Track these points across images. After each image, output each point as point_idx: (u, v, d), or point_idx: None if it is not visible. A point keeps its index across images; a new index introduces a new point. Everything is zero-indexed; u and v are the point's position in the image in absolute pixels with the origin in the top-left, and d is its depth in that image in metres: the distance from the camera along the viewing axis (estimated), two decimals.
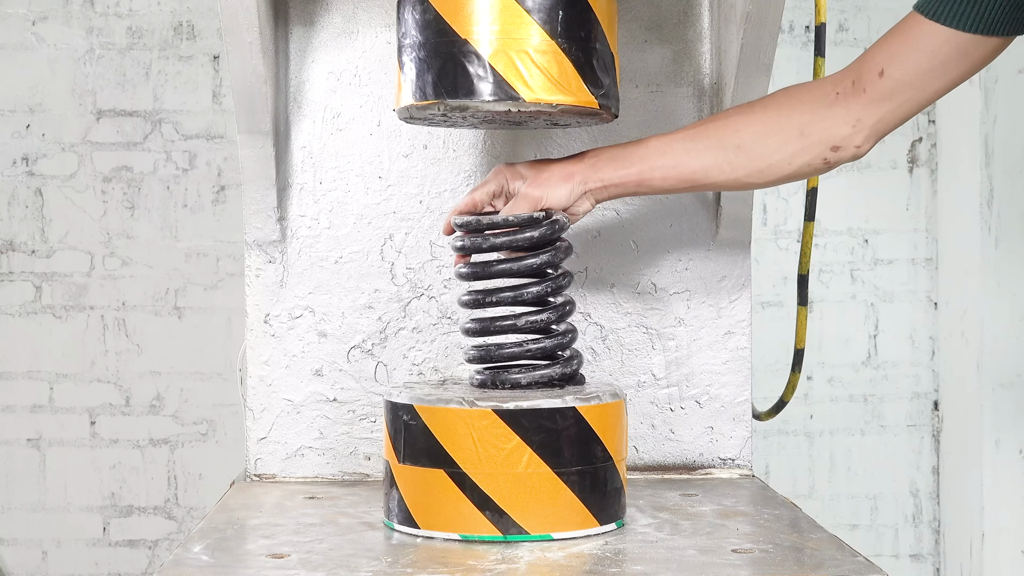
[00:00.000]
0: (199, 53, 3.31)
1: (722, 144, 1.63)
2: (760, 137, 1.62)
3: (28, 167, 3.30)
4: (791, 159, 1.62)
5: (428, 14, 1.61)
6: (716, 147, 1.64)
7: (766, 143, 1.62)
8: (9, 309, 3.32)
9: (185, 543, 1.55)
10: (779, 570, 1.43)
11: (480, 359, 1.67)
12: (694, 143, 1.65)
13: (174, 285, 3.32)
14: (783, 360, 3.21)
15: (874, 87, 1.57)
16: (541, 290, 1.66)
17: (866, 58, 1.59)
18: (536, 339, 1.67)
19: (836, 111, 1.59)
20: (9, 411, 3.32)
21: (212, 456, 3.33)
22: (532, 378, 1.64)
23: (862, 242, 3.40)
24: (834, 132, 1.60)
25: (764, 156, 1.62)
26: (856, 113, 1.59)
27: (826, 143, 1.60)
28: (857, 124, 1.59)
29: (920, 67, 1.54)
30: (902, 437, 3.42)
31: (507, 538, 1.54)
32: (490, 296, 1.66)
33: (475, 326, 1.68)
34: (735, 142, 1.63)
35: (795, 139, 1.61)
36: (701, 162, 1.64)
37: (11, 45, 3.30)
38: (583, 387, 1.67)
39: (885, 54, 1.57)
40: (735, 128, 1.63)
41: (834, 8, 3.32)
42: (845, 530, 3.37)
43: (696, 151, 1.64)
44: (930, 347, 3.41)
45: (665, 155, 1.65)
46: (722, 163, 1.64)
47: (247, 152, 1.90)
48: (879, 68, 1.57)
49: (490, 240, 1.66)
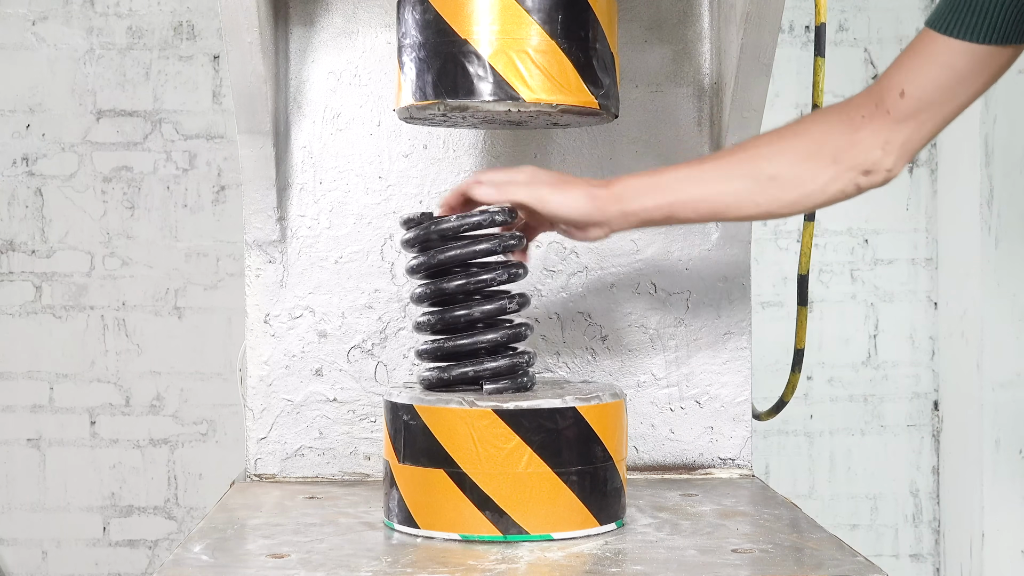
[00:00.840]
0: (199, 53, 3.31)
1: (755, 175, 1.59)
2: (794, 167, 1.59)
3: (28, 167, 3.30)
4: (825, 187, 1.59)
5: (428, 14, 1.61)
6: (748, 177, 1.60)
7: (801, 173, 1.58)
8: (9, 309, 3.32)
9: (185, 543, 1.55)
10: (779, 570, 1.43)
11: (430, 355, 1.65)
12: (725, 174, 1.61)
13: (174, 285, 3.32)
14: (783, 360, 3.20)
15: (897, 108, 1.55)
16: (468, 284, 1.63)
17: (885, 79, 1.57)
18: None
19: (864, 135, 1.57)
20: (9, 411, 3.32)
21: (212, 456, 3.33)
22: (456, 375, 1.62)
23: (862, 242, 3.40)
24: (865, 156, 1.57)
25: (799, 186, 1.59)
26: (884, 135, 1.56)
27: (858, 168, 1.58)
28: (886, 146, 1.57)
29: (940, 83, 1.53)
30: (902, 437, 3.42)
31: (507, 538, 1.54)
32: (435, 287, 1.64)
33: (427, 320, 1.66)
34: (769, 173, 1.59)
35: (829, 166, 1.58)
36: (734, 194, 1.60)
37: (11, 45, 3.30)
38: (583, 387, 1.67)
39: (904, 73, 1.55)
40: (767, 158, 1.59)
41: (834, 8, 3.32)
42: (845, 530, 3.37)
43: (727, 182, 1.60)
44: (930, 347, 3.41)
45: (695, 187, 1.61)
46: (756, 195, 1.60)
47: (247, 152, 1.90)
48: (899, 88, 1.55)
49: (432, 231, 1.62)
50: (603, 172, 1.97)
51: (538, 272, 1.99)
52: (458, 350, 1.63)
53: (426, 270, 1.63)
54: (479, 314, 1.63)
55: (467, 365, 1.62)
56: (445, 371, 1.63)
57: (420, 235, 1.62)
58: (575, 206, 1.60)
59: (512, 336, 1.64)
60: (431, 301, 1.65)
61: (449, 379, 1.63)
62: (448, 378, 1.63)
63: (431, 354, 1.65)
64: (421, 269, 1.63)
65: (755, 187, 1.60)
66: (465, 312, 1.62)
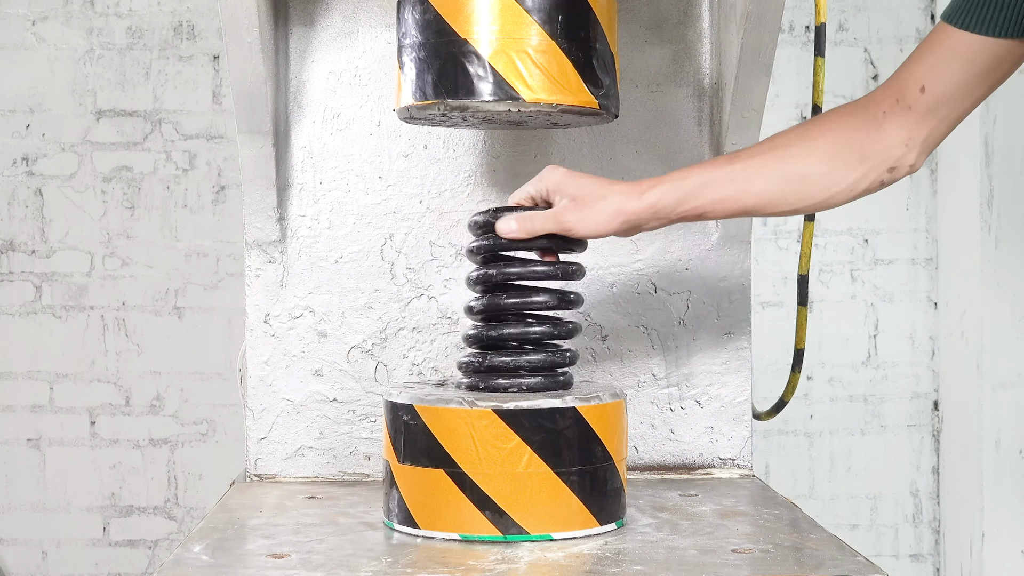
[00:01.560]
0: (199, 53, 3.31)
1: (785, 175, 1.60)
2: (825, 166, 1.59)
3: (28, 167, 3.30)
4: (854, 185, 1.59)
5: (428, 14, 1.61)
6: (778, 177, 1.60)
7: (831, 172, 1.59)
8: (9, 309, 3.32)
9: (185, 543, 1.55)
10: (779, 570, 1.43)
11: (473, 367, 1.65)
12: (754, 173, 1.60)
13: (174, 285, 3.32)
14: (783, 360, 3.20)
15: (918, 103, 1.55)
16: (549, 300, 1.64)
17: (904, 75, 1.57)
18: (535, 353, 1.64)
19: (888, 131, 1.57)
20: (9, 411, 3.32)
21: (212, 456, 3.33)
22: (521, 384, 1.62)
23: (862, 242, 3.40)
24: (890, 153, 1.57)
25: (830, 185, 1.59)
26: (907, 131, 1.57)
27: (884, 165, 1.58)
28: (909, 142, 1.57)
29: (959, 78, 1.53)
30: (902, 437, 3.42)
31: (507, 538, 1.54)
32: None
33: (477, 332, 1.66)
34: (799, 172, 1.59)
35: (857, 164, 1.58)
36: (764, 194, 1.60)
37: (11, 45, 3.30)
38: (583, 387, 1.67)
39: (923, 69, 1.55)
40: (797, 159, 1.59)
41: (834, 8, 3.32)
42: (845, 530, 3.37)
43: (756, 180, 1.60)
44: (930, 347, 3.41)
45: (726, 188, 1.60)
46: (786, 194, 1.60)
47: (247, 152, 1.90)
48: (919, 84, 1.55)
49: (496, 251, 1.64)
50: (603, 172, 1.97)
51: None
52: (500, 341, 1.63)
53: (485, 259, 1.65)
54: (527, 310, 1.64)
55: (507, 355, 1.62)
56: (484, 358, 1.63)
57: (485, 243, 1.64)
58: (605, 229, 1.59)
59: (559, 333, 1.64)
60: (484, 287, 1.66)
61: (485, 366, 1.63)
62: (484, 364, 1.63)
63: (475, 339, 1.65)
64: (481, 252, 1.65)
65: (785, 187, 1.60)
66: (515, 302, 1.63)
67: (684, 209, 1.60)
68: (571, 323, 1.66)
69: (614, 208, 1.58)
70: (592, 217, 1.58)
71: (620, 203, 1.58)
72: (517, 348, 1.64)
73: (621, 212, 1.58)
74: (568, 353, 1.66)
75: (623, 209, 1.58)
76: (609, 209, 1.58)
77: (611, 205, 1.58)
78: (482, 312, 1.65)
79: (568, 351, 1.66)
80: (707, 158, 1.98)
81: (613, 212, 1.58)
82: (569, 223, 1.59)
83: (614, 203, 1.59)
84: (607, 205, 1.58)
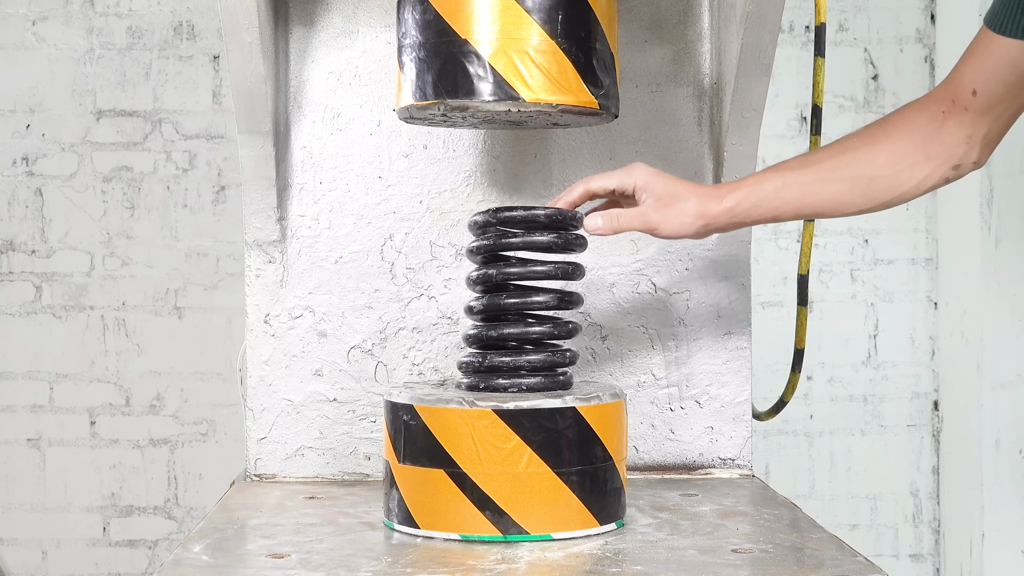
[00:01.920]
0: (199, 53, 3.31)
1: (854, 178, 1.64)
2: (892, 167, 1.63)
3: (28, 167, 3.30)
4: (920, 184, 1.64)
5: (428, 14, 1.61)
6: (847, 180, 1.64)
7: (899, 173, 1.63)
8: (9, 309, 3.32)
9: (185, 543, 1.55)
10: (779, 570, 1.43)
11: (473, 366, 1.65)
12: (825, 176, 1.65)
13: (174, 285, 3.31)
14: (783, 360, 3.20)
15: (973, 105, 1.59)
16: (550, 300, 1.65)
17: (956, 78, 1.61)
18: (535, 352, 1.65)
19: (949, 130, 1.61)
20: (9, 411, 3.32)
21: (212, 456, 3.33)
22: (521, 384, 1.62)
23: (862, 242, 3.40)
24: (953, 151, 1.61)
25: (897, 186, 1.63)
26: (967, 129, 1.60)
27: (948, 163, 1.62)
28: (970, 140, 1.61)
29: (1007, 80, 1.56)
30: (902, 437, 3.42)
31: (507, 538, 1.54)
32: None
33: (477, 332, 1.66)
34: (868, 175, 1.63)
35: (923, 164, 1.62)
36: (834, 196, 1.65)
37: (11, 45, 3.30)
38: (583, 387, 1.67)
39: (972, 72, 1.59)
40: (865, 162, 1.63)
41: (834, 8, 3.32)
42: (845, 530, 3.37)
43: (829, 184, 1.65)
44: (930, 347, 3.41)
45: (799, 192, 1.64)
46: (855, 196, 1.65)
47: (247, 152, 1.90)
48: (970, 87, 1.59)
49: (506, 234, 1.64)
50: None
51: None
52: (500, 340, 1.64)
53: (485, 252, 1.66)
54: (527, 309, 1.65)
55: (507, 355, 1.62)
56: (484, 358, 1.63)
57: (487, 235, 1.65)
58: (687, 231, 1.63)
59: (560, 332, 1.65)
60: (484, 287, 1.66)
61: (485, 366, 1.63)
62: (484, 364, 1.63)
63: (474, 340, 1.66)
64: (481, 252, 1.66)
65: (855, 189, 1.64)
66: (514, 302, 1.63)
67: (759, 213, 1.64)
68: (571, 323, 1.67)
69: (696, 211, 1.62)
70: (675, 218, 1.62)
71: (702, 206, 1.63)
72: (517, 348, 1.65)
73: (703, 215, 1.63)
74: (568, 353, 1.66)
75: (705, 212, 1.63)
76: (691, 211, 1.62)
77: (693, 207, 1.63)
78: (482, 312, 1.65)
79: (568, 351, 1.66)
80: (707, 158, 1.98)
81: (695, 215, 1.62)
82: (654, 222, 1.63)
83: (695, 205, 1.63)
84: (689, 207, 1.63)
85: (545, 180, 1.99)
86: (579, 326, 1.68)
